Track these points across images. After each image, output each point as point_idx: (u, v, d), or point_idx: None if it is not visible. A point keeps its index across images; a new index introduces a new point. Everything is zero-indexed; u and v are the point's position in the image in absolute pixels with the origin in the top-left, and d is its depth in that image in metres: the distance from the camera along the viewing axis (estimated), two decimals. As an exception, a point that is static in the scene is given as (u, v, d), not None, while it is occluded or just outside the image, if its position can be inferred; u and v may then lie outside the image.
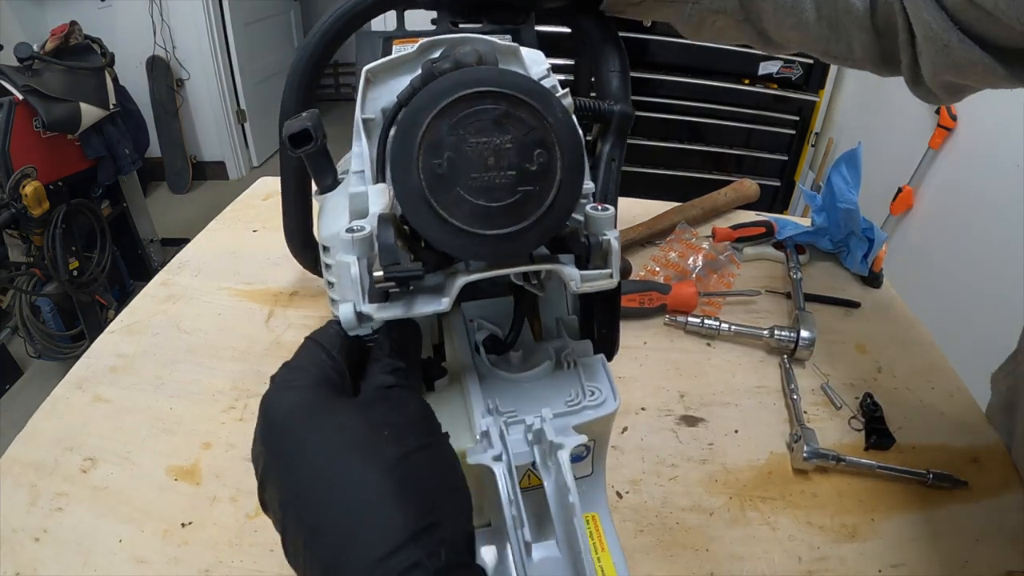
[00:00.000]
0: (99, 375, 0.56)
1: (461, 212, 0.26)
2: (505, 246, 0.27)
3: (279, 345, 0.60)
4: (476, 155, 0.26)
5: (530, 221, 0.27)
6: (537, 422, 0.31)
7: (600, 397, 0.33)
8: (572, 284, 0.30)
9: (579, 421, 0.32)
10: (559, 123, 0.27)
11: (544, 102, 0.27)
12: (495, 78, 0.27)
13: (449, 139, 0.26)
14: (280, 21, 3.64)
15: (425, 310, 0.29)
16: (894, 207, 1.65)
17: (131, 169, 2.10)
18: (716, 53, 2.11)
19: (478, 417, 0.32)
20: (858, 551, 0.44)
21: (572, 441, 0.29)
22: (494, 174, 0.27)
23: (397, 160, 0.27)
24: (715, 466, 0.49)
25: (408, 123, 0.27)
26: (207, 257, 0.73)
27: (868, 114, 2.03)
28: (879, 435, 0.52)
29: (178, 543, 0.42)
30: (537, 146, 0.27)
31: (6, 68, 1.64)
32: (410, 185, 0.26)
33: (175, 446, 0.49)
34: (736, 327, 0.62)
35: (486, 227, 0.27)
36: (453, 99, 0.26)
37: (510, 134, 0.27)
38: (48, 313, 1.83)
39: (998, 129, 1.35)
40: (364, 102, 0.35)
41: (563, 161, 0.27)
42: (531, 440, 0.31)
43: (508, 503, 0.28)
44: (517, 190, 0.27)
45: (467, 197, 0.26)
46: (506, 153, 0.27)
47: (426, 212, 0.26)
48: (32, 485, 0.46)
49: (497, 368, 0.35)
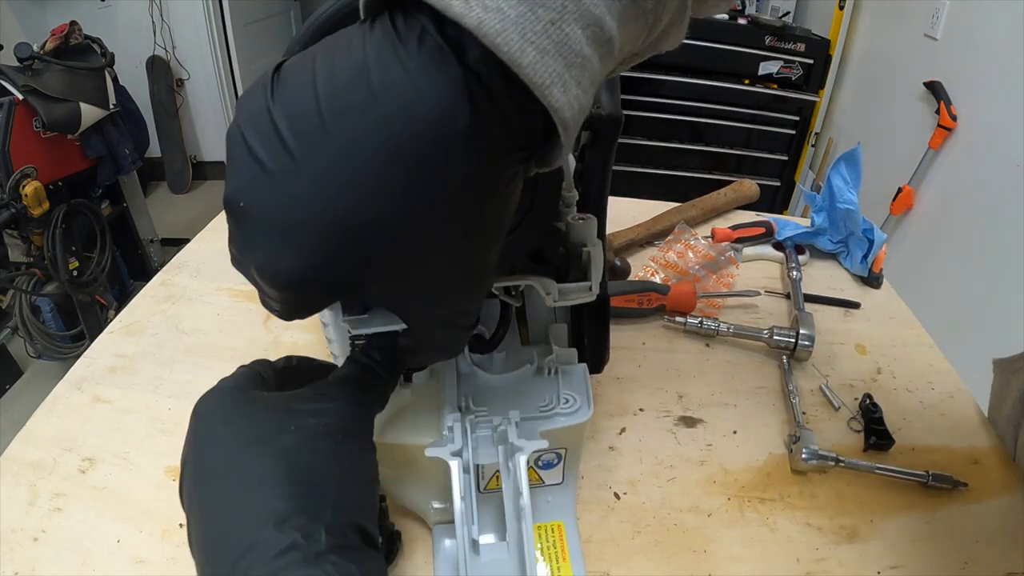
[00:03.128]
0: (98, 375, 0.56)
1: None
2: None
3: (278, 346, 0.60)
4: None
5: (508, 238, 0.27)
6: (503, 423, 0.31)
7: (574, 405, 0.33)
8: (548, 298, 0.30)
9: (549, 427, 0.32)
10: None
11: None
12: None
13: None
14: (280, 21, 3.64)
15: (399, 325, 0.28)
16: (894, 207, 1.65)
17: (131, 169, 2.10)
18: (716, 53, 2.11)
19: (447, 413, 0.32)
20: (857, 552, 0.44)
21: (531, 446, 0.29)
22: None
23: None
24: (714, 467, 0.49)
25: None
26: (206, 257, 0.73)
27: (868, 114, 2.03)
28: (878, 436, 0.52)
29: (176, 543, 0.42)
30: None
31: (6, 68, 1.64)
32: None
33: (174, 446, 0.49)
34: (735, 328, 0.62)
35: None
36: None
37: None
38: (48, 313, 1.83)
39: (998, 129, 1.35)
40: None
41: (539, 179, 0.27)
42: (496, 440, 0.31)
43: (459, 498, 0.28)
44: None
45: None
46: None
47: None
48: (31, 485, 0.45)
49: (478, 367, 0.35)
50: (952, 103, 1.50)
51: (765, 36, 2.09)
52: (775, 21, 2.11)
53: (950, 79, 1.53)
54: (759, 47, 2.11)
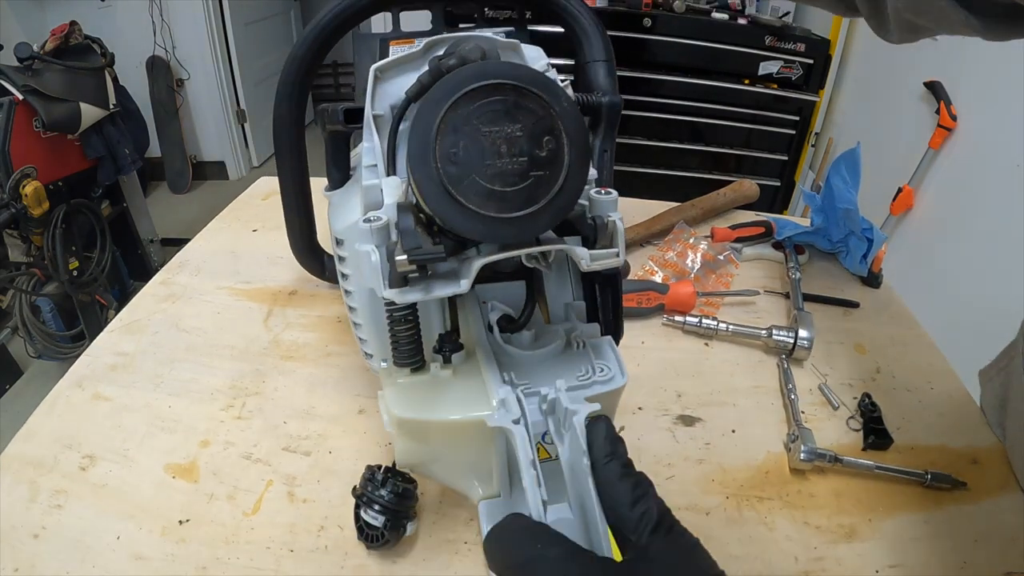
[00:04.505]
0: (99, 373, 0.56)
1: (477, 197, 0.28)
2: (519, 228, 0.29)
3: (277, 344, 0.60)
4: (489, 143, 0.28)
5: (542, 204, 0.28)
6: (551, 392, 0.32)
7: (609, 374, 0.35)
8: (583, 262, 0.32)
9: (589, 394, 0.33)
10: (565, 112, 0.29)
11: (551, 92, 0.28)
12: (505, 71, 0.28)
13: (464, 129, 0.28)
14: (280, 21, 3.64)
15: (444, 292, 0.30)
16: (894, 207, 1.65)
17: (131, 169, 2.10)
18: (716, 53, 2.11)
19: (495, 387, 0.33)
20: (855, 551, 0.44)
21: (586, 408, 0.30)
22: (507, 161, 0.28)
23: (415, 150, 0.28)
24: (712, 466, 0.49)
25: (424, 115, 0.28)
26: (206, 256, 0.73)
27: (868, 114, 2.03)
28: (877, 435, 0.52)
29: (176, 540, 0.42)
30: (546, 133, 0.28)
31: (6, 68, 1.64)
32: (428, 173, 0.27)
33: (173, 444, 0.49)
34: (734, 327, 0.62)
35: (501, 210, 0.28)
36: (466, 91, 0.27)
37: (520, 123, 0.28)
38: (48, 313, 1.83)
39: (998, 129, 1.35)
40: (373, 99, 0.37)
41: (570, 147, 0.29)
42: (545, 411, 0.32)
43: (528, 462, 0.29)
44: (529, 175, 0.28)
45: (482, 183, 0.28)
46: (517, 141, 0.28)
47: (444, 198, 0.28)
48: (31, 482, 0.46)
49: (509, 345, 0.37)
50: (952, 103, 1.50)
51: (765, 36, 2.09)
52: (775, 21, 2.11)
53: (950, 79, 1.53)
54: (759, 47, 2.11)
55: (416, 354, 0.35)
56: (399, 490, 0.39)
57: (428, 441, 0.35)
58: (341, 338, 0.60)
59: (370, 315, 0.40)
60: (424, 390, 0.35)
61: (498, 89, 0.28)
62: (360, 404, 0.53)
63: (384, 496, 0.39)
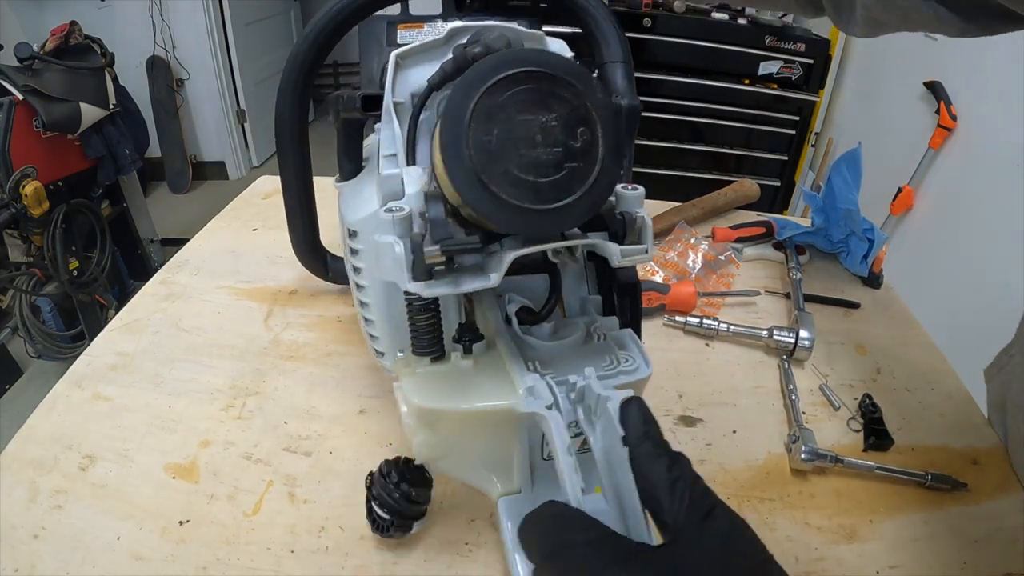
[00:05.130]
0: (98, 373, 0.56)
1: (511, 187, 0.27)
2: (553, 220, 0.28)
3: (278, 343, 0.60)
4: (524, 132, 0.27)
5: (577, 195, 0.28)
6: (580, 380, 0.31)
7: (634, 364, 0.34)
8: (613, 258, 0.31)
9: (616, 383, 0.32)
10: (599, 103, 0.28)
11: (585, 82, 0.28)
12: (540, 58, 0.28)
13: (498, 116, 0.27)
14: (280, 21, 3.64)
15: (473, 286, 0.29)
16: (894, 207, 1.65)
17: (131, 169, 2.10)
18: (716, 53, 2.11)
19: (520, 375, 0.32)
20: (856, 552, 0.44)
21: (619, 393, 0.29)
22: (541, 150, 0.27)
23: (447, 137, 0.27)
24: (713, 466, 0.49)
25: (457, 100, 0.27)
26: (206, 256, 0.73)
27: (868, 114, 2.03)
28: (878, 436, 0.52)
29: (176, 541, 0.42)
30: (580, 124, 0.28)
31: (6, 68, 1.64)
32: (461, 161, 0.27)
33: (173, 444, 0.49)
34: (735, 327, 0.62)
35: (536, 201, 0.27)
36: (501, 77, 0.27)
37: (555, 112, 0.27)
38: (48, 313, 1.83)
39: (998, 129, 1.35)
40: (394, 86, 0.36)
41: (604, 139, 0.28)
42: (574, 399, 0.31)
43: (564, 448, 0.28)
44: (563, 166, 0.27)
45: (516, 172, 0.27)
46: (552, 130, 0.27)
47: (477, 188, 0.27)
48: (31, 482, 0.46)
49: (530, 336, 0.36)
50: (952, 103, 1.50)
51: (765, 36, 2.09)
52: (775, 21, 2.11)
53: (950, 79, 1.53)
54: (759, 47, 2.11)
55: (437, 343, 0.35)
56: (410, 494, 0.38)
57: (448, 433, 0.35)
58: (342, 338, 0.60)
59: (385, 310, 0.39)
60: (446, 379, 0.34)
61: (533, 77, 0.27)
62: (361, 404, 0.53)
63: (395, 497, 0.38)
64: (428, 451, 0.35)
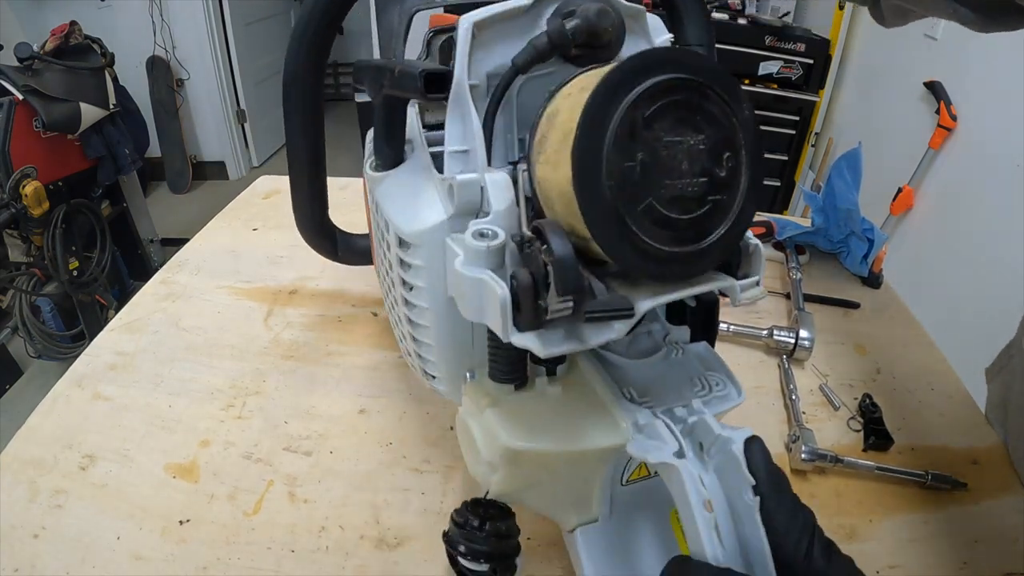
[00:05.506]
0: (99, 373, 0.56)
1: (652, 226, 0.22)
2: (690, 265, 0.23)
3: (278, 343, 0.60)
4: (670, 157, 0.22)
5: (715, 237, 0.23)
6: (687, 413, 0.28)
7: (725, 388, 0.30)
8: (736, 298, 0.27)
9: (713, 413, 0.28)
10: (747, 122, 0.23)
11: (734, 95, 0.23)
12: (691, 62, 0.22)
13: (643, 136, 0.21)
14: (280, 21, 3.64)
15: (600, 339, 0.24)
16: (894, 207, 1.65)
17: (131, 169, 2.10)
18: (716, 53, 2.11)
19: (623, 409, 0.28)
20: (856, 552, 0.43)
21: (741, 435, 0.25)
22: (687, 181, 0.22)
23: (582, 161, 0.22)
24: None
25: (594, 113, 0.21)
26: (207, 255, 0.73)
27: (868, 114, 2.03)
28: (878, 436, 0.52)
29: (176, 540, 0.42)
30: (727, 148, 0.23)
31: (6, 68, 1.64)
32: (597, 192, 0.21)
33: (173, 444, 0.49)
34: (735, 327, 0.62)
35: (676, 243, 0.23)
36: (650, 85, 0.21)
37: (703, 133, 0.22)
38: (48, 313, 1.83)
39: (998, 129, 1.35)
40: (470, 63, 0.29)
41: (748, 167, 0.23)
42: (681, 432, 0.27)
43: (700, 504, 0.24)
44: (706, 199, 0.23)
45: (659, 208, 0.22)
46: (699, 155, 0.22)
47: (615, 227, 0.22)
48: (31, 482, 0.46)
49: (607, 352, 0.31)
50: (952, 103, 1.50)
51: (765, 36, 2.09)
52: (775, 21, 2.11)
53: (950, 79, 1.53)
54: (759, 47, 2.11)
55: (521, 368, 0.30)
56: (500, 531, 0.32)
57: (533, 468, 0.30)
58: (342, 338, 0.60)
59: (448, 331, 0.33)
60: (537, 412, 0.29)
61: (682, 87, 0.22)
62: (361, 404, 0.53)
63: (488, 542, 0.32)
64: (507, 487, 0.31)
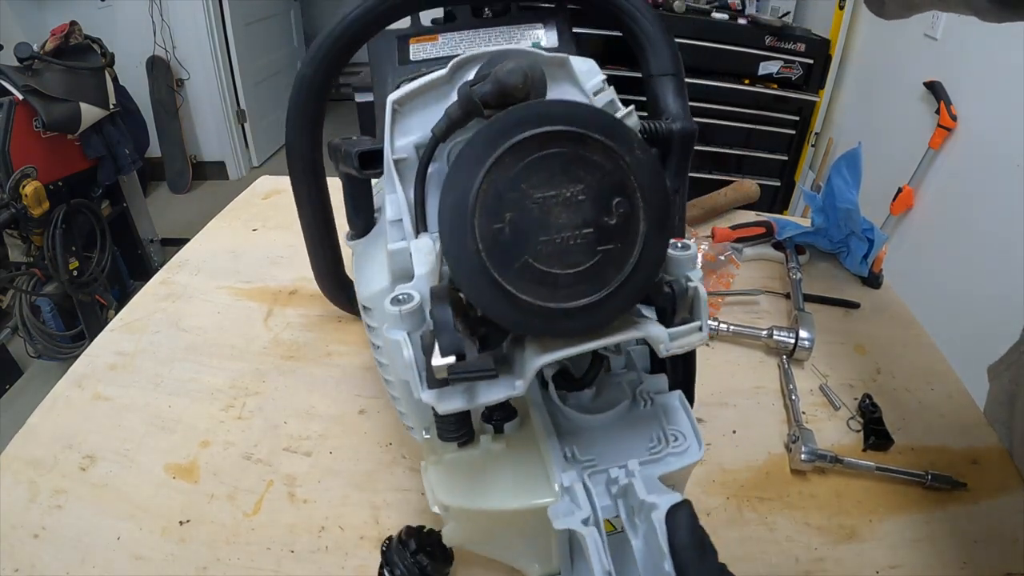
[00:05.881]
0: (99, 373, 0.56)
1: (531, 284, 0.22)
2: (585, 319, 0.23)
3: (278, 344, 0.60)
4: (543, 212, 0.22)
5: (613, 287, 0.23)
6: (622, 475, 0.27)
7: (683, 444, 0.30)
8: (661, 347, 0.26)
9: (662, 471, 0.28)
10: (638, 163, 0.23)
11: (620, 138, 0.23)
12: (560, 112, 0.22)
13: (510, 196, 0.22)
14: (280, 21, 3.64)
15: (495, 397, 0.24)
16: (894, 207, 1.65)
17: (131, 169, 2.10)
18: (716, 53, 2.11)
19: (556, 469, 0.28)
20: (856, 552, 0.44)
21: (667, 500, 0.25)
22: (567, 234, 0.22)
23: (448, 225, 0.22)
24: (713, 466, 0.49)
25: (458, 178, 0.22)
26: (207, 256, 0.73)
27: (868, 114, 2.03)
28: (878, 436, 0.52)
29: (176, 541, 0.42)
30: (615, 194, 0.22)
31: (6, 68, 1.64)
32: (466, 255, 0.22)
33: (173, 444, 0.49)
34: (735, 327, 0.62)
35: (562, 298, 0.22)
36: (512, 144, 0.22)
37: (582, 182, 0.22)
38: (48, 313, 1.83)
39: (998, 129, 1.35)
40: (393, 139, 0.30)
41: (646, 209, 0.23)
42: (615, 493, 0.27)
43: (603, 572, 0.24)
44: (596, 250, 0.22)
45: (536, 265, 0.22)
46: (580, 206, 0.22)
47: (488, 288, 0.22)
48: (31, 482, 0.46)
49: (567, 407, 0.31)
50: (952, 103, 1.50)
51: (765, 36, 2.09)
52: (775, 21, 2.11)
53: (950, 79, 1.53)
54: (759, 47, 2.11)
55: (464, 428, 0.30)
56: (425, 568, 0.34)
57: (479, 523, 0.31)
58: (342, 338, 0.60)
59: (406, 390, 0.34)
60: (474, 470, 0.30)
61: (553, 139, 0.22)
62: (360, 404, 0.53)
63: (408, 566, 0.34)
64: (459, 537, 0.32)
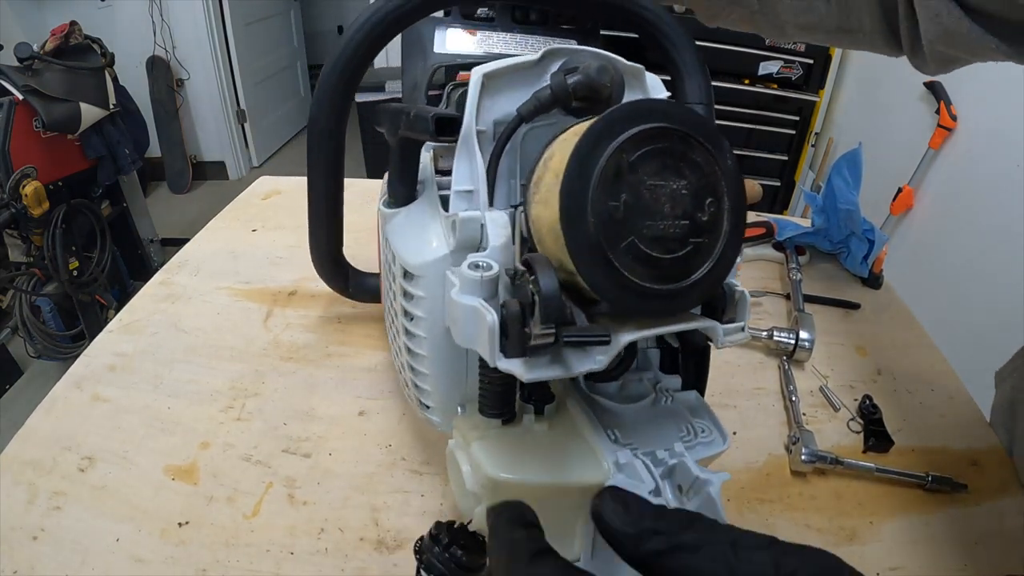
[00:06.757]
0: (98, 374, 0.56)
1: (634, 263, 0.24)
2: (672, 303, 0.25)
3: (277, 345, 0.59)
4: (653, 199, 0.24)
5: (697, 276, 0.25)
6: (668, 456, 0.29)
7: (711, 435, 0.32)
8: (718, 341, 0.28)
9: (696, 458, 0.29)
10: (729, 171, 0.25)
11: (718, 146, 0.25)
12: (677, 113, 0.24)
13: (628, 178, 0.23)
14: (280, 21, 3.64)
15: (584, 368, 0.25)
16: (894, 207, 1.65)
17: (131, 169, 2.10)
18: (716, 53, 2.11)
19: (602, 446, 0.29)
20: (856, 554, 0.44)
21: (719, 478, 0.27)
22: (668, 223, 0.24)
23: (568, 200, 0.23)
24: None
25: (583, 156, 0.23)
26: (206, 256, 0.73)
27: (868, 114, 2.03)
28: (878, 437, 0.52)
29: (175, 543, 0.42)
30: (709, 194, 0.25)
31: (6, 68, 1.64)
32: (582, 229, 0.23)
33: (173, 445, 0.49)
34: (735, 328, 0.62)
35: (658, 280, 0.24)
36: (635, 132, 0.23)
37: (686, 179, 0.24)
38: (48, 313, 1.83)
39: (998, 129, 1.35)
40: (478, 111, 0.32)
41: (730, 212, 0.25)
42: (660, 474, 0.28)
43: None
44: (688, 241, 0.25)
45: (642, 247, 0.24)
46: (682, 200, 0.24)
47: (598, 262, 0.23)
48: (30, 484, 0.45)
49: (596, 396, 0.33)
50: (952, 103, 1.50)
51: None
52: (775, 21, 2.11)
53: (950, 79, 1.53)
54: (759, 47, 2.11)
55: (510, 404, 0.31)
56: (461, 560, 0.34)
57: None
58: (341, 339, 0.60)
59: (446, 363, 0.35)
60: (522, 446, 0.30)
61: (667, 135, 0.24)
62: (360, 405, 0.53)
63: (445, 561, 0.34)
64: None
